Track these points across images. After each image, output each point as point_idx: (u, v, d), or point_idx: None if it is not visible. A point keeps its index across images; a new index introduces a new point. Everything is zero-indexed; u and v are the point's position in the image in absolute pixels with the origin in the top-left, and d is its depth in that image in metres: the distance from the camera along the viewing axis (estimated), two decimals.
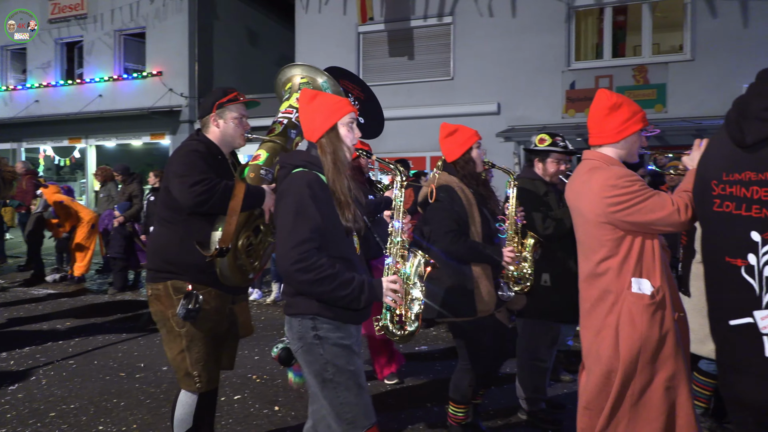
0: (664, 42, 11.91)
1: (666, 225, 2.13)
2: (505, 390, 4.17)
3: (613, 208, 2.17)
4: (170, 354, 2.63)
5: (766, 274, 1.16)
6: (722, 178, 1.28)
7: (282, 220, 2.08)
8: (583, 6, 11.14)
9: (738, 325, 1.23)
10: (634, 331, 2.18)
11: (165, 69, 14.35)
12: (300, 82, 2.98)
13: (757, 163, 1.18)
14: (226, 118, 2.69)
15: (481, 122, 10.15)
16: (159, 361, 4.95)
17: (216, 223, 2.55)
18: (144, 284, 8.70)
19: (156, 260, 2.62)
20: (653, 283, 2.20)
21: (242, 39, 16.27)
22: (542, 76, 11.07)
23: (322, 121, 2.19)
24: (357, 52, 12.53)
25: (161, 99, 14.22)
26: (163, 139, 14.79)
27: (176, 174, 2.49)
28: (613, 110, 2.33)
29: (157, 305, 2.62)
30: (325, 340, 2.12)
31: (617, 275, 2.25)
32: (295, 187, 2.08)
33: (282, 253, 2.03)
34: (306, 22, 12.93)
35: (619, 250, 2.23)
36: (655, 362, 2.18)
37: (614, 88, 10.64)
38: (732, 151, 1.26)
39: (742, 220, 1.21)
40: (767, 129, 1.16)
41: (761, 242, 1.17)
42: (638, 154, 2.40)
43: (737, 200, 1.23)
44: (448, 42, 11.91)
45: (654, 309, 2.18)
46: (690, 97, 10.23)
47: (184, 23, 14.19)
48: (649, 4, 10.76)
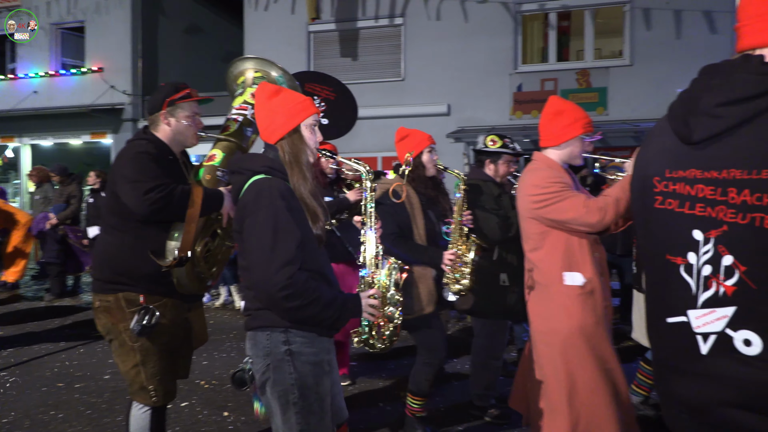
0: (605, 47, 12.39)
1: (579, 225, 2.33)
2: (455, 387, 4.22)
3: (535, 206, 2.43)
4: (123, 367, 2.45)
5: (704, 274, 1.15)
6: (665, 174, 1.25)
7: (258, 238, 1.82)
8: (529, 11, 11.44)
9: (674, 323, 1.22)
10: (571, 320, 2.39)
11: (106, 65, 13.79)
12: (254, 76, 2.84)
13: (704, 161, 1.16)
14: (177, 115, 2.51)
15: (432, 123, 10.27)
16: (101, 370, 4.75)
17: (171, 230, 2.39)
18: (84, 290, 8.37)
19: (104, 270, 2.42)
20: (585, 275, 2.40)
21: (188, 35, 15.82)
22: (490, 78, 11.30)
23: (283, 121, 1.98)
24: (307, 51, 12.42)
25: (102, 96, 13.66)
26: (104, 138, 14.20)
27: (126, 178, 2.30)
28: (557, 116, 2.54)
29: (106, 318, 2.43)
30: (297, 356, 1.91)
31: (546, 268, 2.47)
32: (267, 199, 1.84)
33: (264, 278, 1.80)
34: (254, 19, 12.71)
35: (543, 244, 2.47)
36: (593, 348, 2.38)
37: (559, 90, 10.99)
38: (677, 147, 1.23)
39: (684, 218, 1.19)
40: (717, 126, 1.13)
41: (703, 241, 1.16)
42: (581, 157, 2.59)
43: (681, 198, 1.20)
44: (398, 43, 11.98)
45: (585, 298, 2.39)
46: (629, 100, 10.68)
47: (126, 17, 13.68)
48: (591, 11, 11.16)
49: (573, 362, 2.39)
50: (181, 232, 2.35)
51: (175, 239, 2.37)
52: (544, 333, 2.48)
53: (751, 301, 1.10)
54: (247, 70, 2.88)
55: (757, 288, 1.09)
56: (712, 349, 1.16)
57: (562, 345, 2.41)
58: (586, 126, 2.54)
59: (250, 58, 2.90)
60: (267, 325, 1.92)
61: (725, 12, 10.18)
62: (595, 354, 2.38)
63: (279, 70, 2.87)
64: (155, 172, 2.32)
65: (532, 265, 2.55)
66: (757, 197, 1.08)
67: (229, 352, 5.28)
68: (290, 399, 1.90)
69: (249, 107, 2.77)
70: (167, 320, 2.41)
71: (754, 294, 1.10)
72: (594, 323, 2.39)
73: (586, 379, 2.36)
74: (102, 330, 2.48)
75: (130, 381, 2.45)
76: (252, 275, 1.86)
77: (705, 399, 1.18)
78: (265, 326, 1.93)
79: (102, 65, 13.80)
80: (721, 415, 1.15)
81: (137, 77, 13.83)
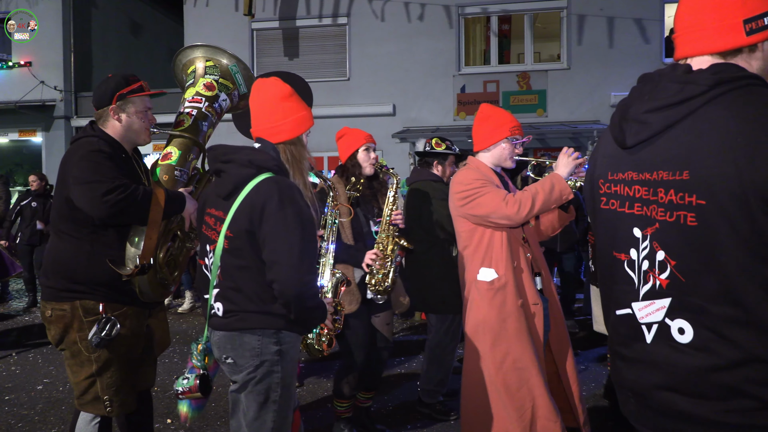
0: (544, 51, 12.83)
1: (498, 217, 2.45)
2: (404, 386, 4.27)
3: (460, 203, 2.57)
4: (74, 378, 2.28)
5: (644, 268, 1.23)
6: (608, 177, 1.33)
7: (286, 236, 1.80)
8: (472, 14, 11.69)
9: (622, 315, 1.28)
10: (477, 314, 2.52)
11: (35, 59, 13.05)
12: (205, 65, 2.70)
13: (638, 164, 1.24)
14: (128, 111, 2.32)
15: (378, 123, 10.32)
16: (33, 380, 4.51)
17: (131, 235, 2.23)
18: (13, 296, 7.91)
19: (57, 278, 2.24)
20: (497, 271, 2.51)
21: (124, 30, 15.21)
22: (434, 79, 11.47)
23: (292, 126, 2.00)
24: (251, 49, 12.21)
25: (31, 92, 12.92)
26: (34, 136, 13.44)
27: (80, 180, 2.10)
28: (484, 121, 2.68)
29: (58, 327, 2.25)
30: (285, 356, 1.93)
31: (470, 264, 2.59)
32: (289, 198, 1.83)
33: (293, 277, 1.78)
34: (195, 16, 12.37)
35: (471, 241, 2.59)
36: (500, 343, 2.47)
37: (501, 93, 11.29)
38: (615, 151, 1.31)
39: (625, 217, 1.28)
40: (646, 131, 1.21)
41: (641, 238, 1.24)
42: (513, 160, 2.70)
43: (621, 198, 1.29)
44: (344, 43, 11.96)
45: (492, 294, 2.49)
46: (567, 102, 11.10)
47: (57, 10, 12.97)
48: (530, 15, 11.52)
49: (472, 356, 2.52)
50: (142, 237, 2.21)
51: (135, 245, 2.22)
52: (467, 323, 2.64)
53: (681, 293, 1.18)
54: (197, 59, 2.73)
55: (686, 281, 1.17)
56: (654, 338, 1.24)
57: (468, 338, 2.57)
58: (513, 130, 2.65)
59: (199, 46, 2.75)
60: (259, 327, 1.90)
61: (654, 20, 10.76)
62: (497, 350, 2.44)
63: (231, 58, 2.75)
64: (112, 171, 2.14)
65: (462, 261, 2.67)
66: (680, 196, 1.16)
67: (171, 357, 5.13)
68: (271, 397, 1.92)
69: (203, 99, 2.63)
70: (127, 330, 2.27)
71: (684, 286, 1.18)
72: (498, 319, 2.46)
73: (479, 375, 2.47)
74: (52, 340, 2.32)
75: (82, 391, 2.27)
76: (276, 274, 1.80)
77: (645, 383, 1.26)
78: (257, 328, 1.90)
79: (30, 59, 13.06)
80: (658, 398, 1.24)
81: (69, 73, 13.16)
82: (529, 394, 2.41)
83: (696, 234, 1.14)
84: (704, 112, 1.13)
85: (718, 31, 1.17)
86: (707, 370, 1.15)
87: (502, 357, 2.45)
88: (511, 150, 2.67)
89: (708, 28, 1.18)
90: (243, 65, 2.78)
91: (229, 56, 2.75)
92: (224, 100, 2.74)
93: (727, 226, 1.09)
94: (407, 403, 3.93)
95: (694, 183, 1.13)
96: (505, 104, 11.24)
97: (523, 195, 2.41)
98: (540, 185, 2.43)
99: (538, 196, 2.40)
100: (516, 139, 2.67)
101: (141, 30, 15.82)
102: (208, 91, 2.67)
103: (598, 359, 4.80)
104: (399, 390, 4.19)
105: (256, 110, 2.04)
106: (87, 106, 13.29)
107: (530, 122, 10.92)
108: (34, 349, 5.41)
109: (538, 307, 2.55)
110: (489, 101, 11.46)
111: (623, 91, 10.84)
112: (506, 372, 2.43)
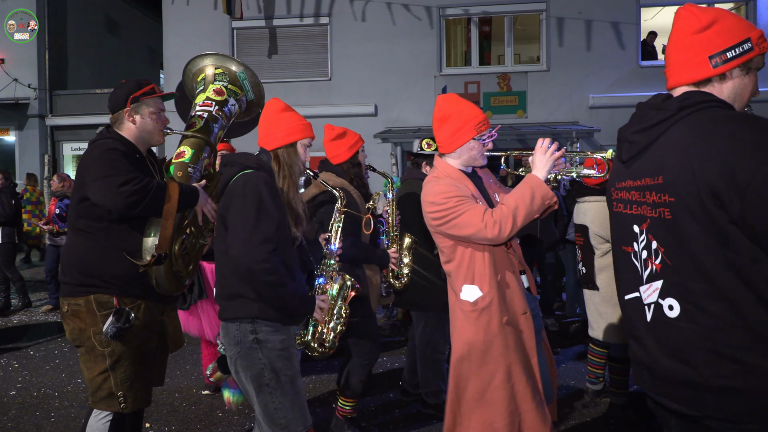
0: (524, 53, 12.95)
1: (479, 239, 2.25)
2: (386, 385, 4.27)
3: (435, 223, 2.34)
4: (89, 374, 2.34)
5: (643, 257, 1.49)
6: (615, 185, 1.65)
7: (241, 217, 2.06)
8: (452, 15, 11.75)
9: (630, 299, 1.57)
10: (463, 336, 2.35)
11: (8, 56, 12.77)
12: (215, 72, 2.88)
13: (632, 174, 1.55)
14: (142, 113, 2.44)
15: (359, 123, 10.31)
16: (5, 385, 4.41)
17: (147, 227, 2.34)
18: None
19: (74, 273, 2.32)
20: (482, 289, 2.30)
21: (101, 27, 14.97)
22: (416, 80, 11.50)
23: (283, 134, 2.26)
24: (231, 48, 12.10)
25: (4, 90, 12.64)
26: (7, 135, 13.14)
27: (96, 176, 2.19)
28: (443, 122, 2.38)
29: (75, 322, 2.32)
30: (264, 344, 2.12)
31: (454, 281, 2.40)
32: (252, 185, 2.08)
33: (245, 252, 2.01)
34: (174, 14, 12.21)
35: (454, 256, 2.37)
36: (487, 364, 2.31)
37: (482, 93, 11.37)
38: (618, 165, 1.65)
39: (628, 216, 1.57)
40: (634, 148, 1.53)
41: (639, 233, 1.52)
42: (484, 157, 2.44)
43: (624, 202, 1.59)
44: (325, 42, 11.92)
45: (477, 315, 2.31)
46: (546, 104, 11.23)
47: (31, 5, 12.71)
48: (510, 17, 11.61)
49: (460, 376, 2.39)
50: (158, 229, 2.31)
51: (152, 236, 2.33)
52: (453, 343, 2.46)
53: (670, 274, 1.43)
54: (207, 67, 2.92)
55: (672, 264, 1.42)
56: (652, 316, 1.49)
57: (454, 358, 2.40)
58: (479, 126, 2.35)
59: (208, 55, 2.95)
60: (236, 317, 2.14)
61: (631, 23, 10.93)
62: (483, 371, 2.33)
63: (240, 65, 2.93)
64: (126, 166, 2.25)
65: (447, 275, 2.49)
66: (659, 196, 1.44)
67: None
68: (263, 381, 2.13)
69: (213, 103, 2.79)
70: (140, 323, 2.35)
71: (670, 269, 1.43)
72: (484, 341, 2.31)
73: (469, 395, 2.36)
74: (70, 336, 2.38)
75: (96, 388, 2.32)
76: (233, 250, 2.05)
77: (651, 356, 1.49)
78: (234, 317, 2.14)
79: (3, 56, 12.77)
80: (663, 368, 1.45)
81: (44, 70, 12.91)
82: (517, 409, 2.33)
83: (672, 225, 1.41)
84: (672, 130, 1.44)
85: (689, 67, 1.47)
86: (694, 340, 1.38)
87: (489, 377, 2.32)
88: (480, 148, 2.40)
89: (682, 65, 1.49)
90: (251, 72, 2.94)
91: (238, 64, 2.92)
92: (233, 105, 2.92)
93: (691, 217, 1.35)
94: (392, 403, 3.92)
95: (666, 185, 1.42)
96: (486, 105, 11.33)
97: (502, 213, 2.21)
98: (519, 196, 2.23)
99: (519, 210, 2.20)
100: (484, 136, 2.39)
101: (118, 28, 15.58)
102: (217, 96, 2.86)
103: (576, 357, 4.86)
104: (382, 389, 4.18)
105: (259, 124, 2.34)
106: (62, 105, 13.05)
107: (510, 123, 11.01)
108: (7, 353, 5.28)
109: (526, 316, 2.39)
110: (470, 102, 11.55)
111: (601, 92, 11.00)
112: (494, 390, 2.31)
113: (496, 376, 2.32)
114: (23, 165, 12.64)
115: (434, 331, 3.63)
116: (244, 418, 3.69)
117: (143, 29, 16.30)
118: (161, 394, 4.12)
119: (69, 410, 3.91)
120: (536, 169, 2.27)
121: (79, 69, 13.95)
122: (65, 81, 13.56)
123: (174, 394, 4.16)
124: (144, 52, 16.53)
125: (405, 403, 3.88)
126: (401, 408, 3.84)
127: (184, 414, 3.81)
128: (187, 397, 4.10)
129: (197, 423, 3.67)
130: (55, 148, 13.20)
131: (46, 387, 4.38)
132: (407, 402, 3.89)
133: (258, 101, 3.03)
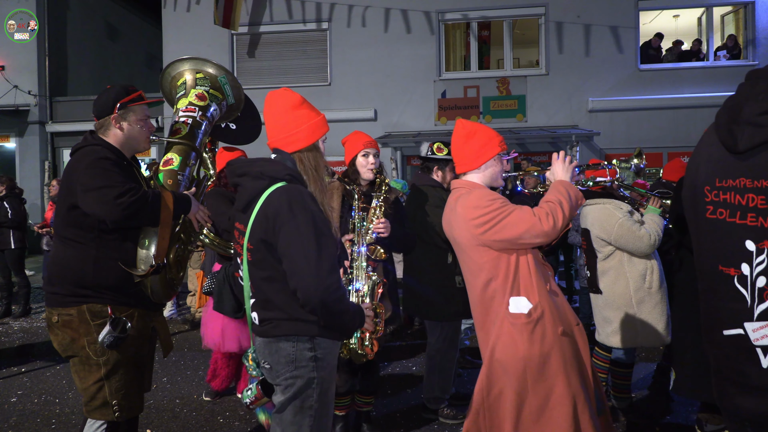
0: (523, 57, 12.98)
1: (532, 237, 2.14)
2: (410, 390, 4.25)
3: (481, 229, 2.18)
4: (82, 384, 2.31)
5: (759, 285, 1.12)
6: (715, 184, 1.21)
7: (302, 245, 1.81)
8: (452, 20, 11.78)
9: (731, 335, 1.20)
10: (516, 352, 2.19)
11: (9, 63, 12.80)
12: (195, 77, 2.85)
13: (752, 170, 1.13)
14: (130, 120, 2.41)
15: (359, 128, 10.19)
16: (6, 392, 4.40)
17: (142, 237, 2.31)
18: None
19: (64, 283, 2.29)
20: (531, 300, 2.19)
21: (101, 34, 15.00)
22: (415, 84, 11.52)
23: (307, 134, 2.01)
24: (231, 54, 12.13)
25: (5, 96, 12.66)
26: (7, 141, 13.16)
27: (91, 187, 2.17)
28: (469, 138, 2.38)
29: (65, 333, 2.28)
30: (321, 362, 1.95)
31: (500, 296, 2.24)
32: (299, 204, 1.85)
33: (316, 284, 1.79)
34: (174, 21, 12.24)
35: (499, 271, 2.22)
36: (545, 379, 2.18)
37: (481, 98, 11.39)
38: (724, 156, 1.19)
39: (736, 228, 1.16)
40: (761, 135, 1.10)
41: (756, 252, 1.13)
42: (503, 178, 2.44)
43: (732, 207, 1.17)
44: (325, 47, 11.95)
45: (533, 327, 2.17)
46: (545, 108, 11.24)
47: (31, 5, 12.67)
48: (509, 22, 11.64)
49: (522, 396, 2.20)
50: (153, 239, 2.29)
51: (146, 247, 2.30)
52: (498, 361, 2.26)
53: None
54: (186, 71, 2.86)
55: None
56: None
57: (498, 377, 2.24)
58: (502, 144, 2.39)
59: (185, 59, 2.87)
60: (293, 334, 1.93)
61: (630, 27, 10.95)
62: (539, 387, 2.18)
63: (220, 69, 2.88)
64: (120, 176, 2.23)
65: (486, 297, 2.27)
66: None
67: None
68: (307, 403, 1.93)
69: (196, 109, 2.75)
70: (135, 331, 2.33)
71: None
72: (541, 354, 2.17)
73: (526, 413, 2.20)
74: (59, 347, 2.34)
75: (90, 397, 2.30)
76: (297, 282, 1.82)
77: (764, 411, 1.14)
78: (291, 334, 1.93)
79: (4, 63, 12.80)
80: None
81: (44, 77, 12.93)
82: (578, 426, 2.18)
83: None
84: None
85: None
86: None
87: (546, 393, 2.18)
88: (501, 167, 2.42)
89: None
90: (231, 76, 2.90)
91: (218, 68, 2.88)
92: (215, 109, 2.88)
93: None
94: (415, 407, 3.91)
95: None
96: (485, 109, 11.35)
97: (550, 207, 2.18)
98: (557, 193, 2.21)
99: (564, 204, 2.17)
100: (506, 154, 2.49)
101: (118, 34, 15.61)
102: (200, 101, 2.82)
103: None
104: (404, 394, 4.17)
105: (270, 122, 2.06)
106: (62, 111, 13.06)
107: (510, 127, 11.02)
108: (8, 360, 5.27)
109: (579, 327, 2.29)
110: (470, 106, 11.64)
111: (600, 96, 11.02)
112: (553, 407, 2.17)
113: (555, 390, 2.17)
114: (23, 171, 12.65)
115: (445, 341, 3.60)
116: (246, 424, 3.67)
117: (143, 36, 16.33)
118: (162, 399, 4.11)
119: (70, 417, 3.90)
120: (559, 175, 2.34)
121: (79, 75, 13.97)
122: (65, 87, 13.58)
123: (175, 400, 4.15)
124: (144, 58, 16.56)
125: (406, 406, 3.87)
126: (402, 410, 3.82)
127: (185, 420, 3.80)
128: (188, 403, 4.09)
129: (198, 429, 3.65)
130: (56, 154, 13.22)
131: (47, 394, 4.37)
132: None
133: (237, 105, 3.02)
